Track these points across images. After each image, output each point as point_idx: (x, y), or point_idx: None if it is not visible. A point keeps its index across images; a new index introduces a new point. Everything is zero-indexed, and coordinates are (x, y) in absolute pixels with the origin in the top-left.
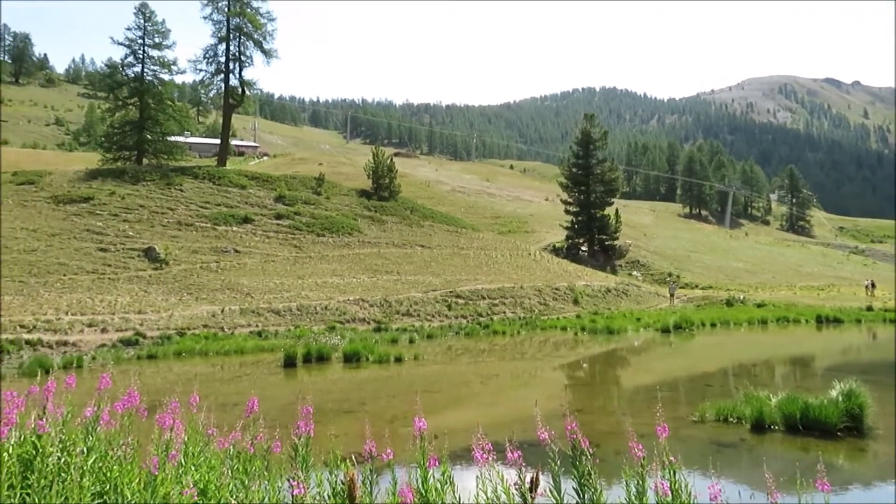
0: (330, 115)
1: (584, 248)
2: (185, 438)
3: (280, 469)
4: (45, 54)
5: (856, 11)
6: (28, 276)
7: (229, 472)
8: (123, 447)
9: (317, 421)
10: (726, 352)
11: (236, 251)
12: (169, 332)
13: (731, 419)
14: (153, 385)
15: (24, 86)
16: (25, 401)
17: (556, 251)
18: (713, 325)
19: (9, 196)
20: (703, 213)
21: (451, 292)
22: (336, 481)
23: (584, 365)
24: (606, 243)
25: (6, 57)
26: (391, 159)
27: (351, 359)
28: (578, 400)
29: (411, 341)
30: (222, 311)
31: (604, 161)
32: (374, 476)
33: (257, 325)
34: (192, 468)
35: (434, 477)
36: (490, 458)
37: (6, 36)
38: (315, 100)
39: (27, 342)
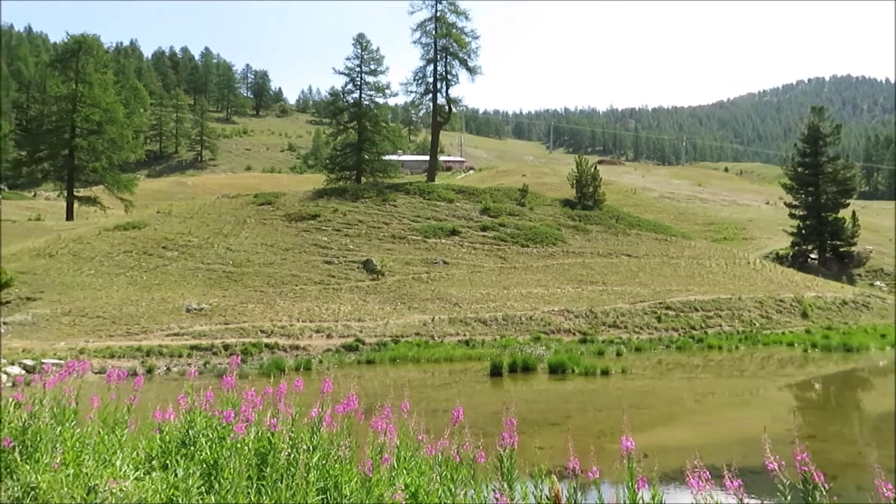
0: (533, 126)
1: (813, 256)
2: (398, 443)
3: (485, 478)
4: (280, 88)
5: None
6: (267, 287)
7: (438, 478)
8: (343, 448)
9: (521, 432)
10: None
11: (445, 262)
12: (385, 339)
13: None
14: (371, 389)
15: (264, 117)
16: (262, 400)
17: (779, 259)
18: None
19: (251, 216)
20: None
21: (660, 303)
22: (541, 495)
23: (816, 385)
24: (841, 250)
25: (248, 93)
26: (595, 167)
27: (556, 370)
28: (809, 424)
29: (618, 354)
30: (432, 319)
31: (836, 158)
32: (580, 493)
33: (465, 334)
34: (404, 472)
35: (643, 499)
36: (707, 486)
37: (249, 74)
38: (518, 112)
39: (266, 345)
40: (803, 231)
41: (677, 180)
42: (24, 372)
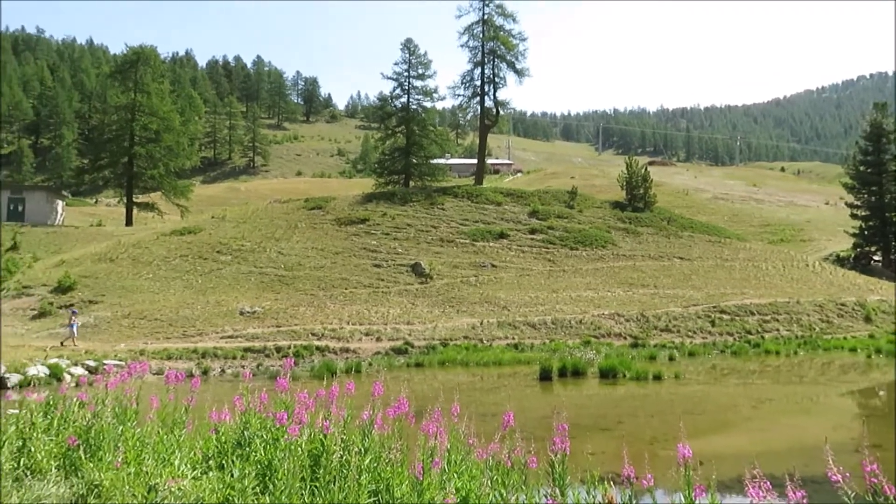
0: (581, 127)
1: (877, 258)
2: (448, 446)
3: (537, 483)
4: (329, 94)
5: None
6: (317, 290)
7: (489, 482)
8: (394, 451)
9: (572, 437)
10: None
11: (493, 266)
12: (433, 342)
13: None
14: (420, 392)
15: (314, 123)
16: (314, 402)
17: (840, 261)
18: None
19: (302, 220)
20: None
21: (714, 307)
22: (594, 502)
23: (881, 392)
24: None
25: (299, 99)
26: (645, 168)
27: (607, 374)
28: (874, 433)
29: (671, 358)
30: (481, 323)
31: None
32: (634, 500)
33: (514, 338)
34: (455, 476)
35: None
36: (767, 495)
37: (299, 81)
38: (566, 114)
39: (317, 348)
40: (866, 232)
41: (731, 181)
42: (87, 373)
